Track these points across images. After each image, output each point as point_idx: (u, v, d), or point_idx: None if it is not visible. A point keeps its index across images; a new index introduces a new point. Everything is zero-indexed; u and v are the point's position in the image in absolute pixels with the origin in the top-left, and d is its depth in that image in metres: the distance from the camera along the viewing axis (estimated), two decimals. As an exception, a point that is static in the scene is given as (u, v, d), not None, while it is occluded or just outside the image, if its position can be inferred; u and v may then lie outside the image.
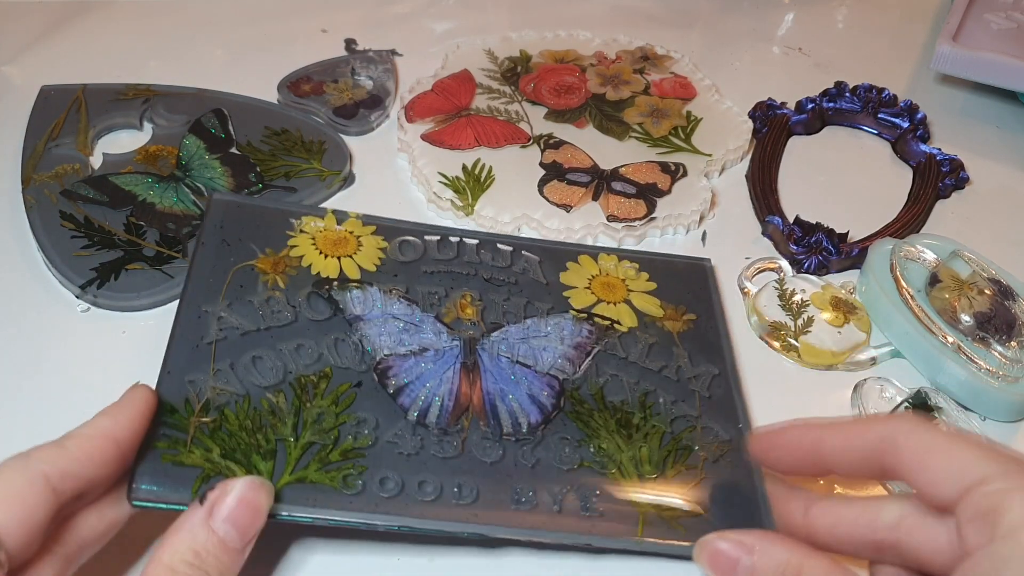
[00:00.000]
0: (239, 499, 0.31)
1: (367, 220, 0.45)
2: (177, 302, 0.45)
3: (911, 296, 0.45)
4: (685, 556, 0.34)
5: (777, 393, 0.43)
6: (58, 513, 0.29)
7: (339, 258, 0.43)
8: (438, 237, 0.45)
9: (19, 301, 0.45)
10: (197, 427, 0.35)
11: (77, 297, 0.45)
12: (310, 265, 0.42)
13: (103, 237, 0.46)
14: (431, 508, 0.35)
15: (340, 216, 0.45)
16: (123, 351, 0.43)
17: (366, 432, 0.36)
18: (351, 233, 0.44)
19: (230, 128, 0.53)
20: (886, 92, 0.59)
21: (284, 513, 0.33)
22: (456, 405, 0.38)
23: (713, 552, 0.32)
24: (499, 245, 0.46)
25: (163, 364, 0.37)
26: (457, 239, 0.45)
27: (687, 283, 0.46)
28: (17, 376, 0.42)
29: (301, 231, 0.44)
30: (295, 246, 0.43)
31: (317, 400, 0.37)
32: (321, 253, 0.43)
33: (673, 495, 0.37)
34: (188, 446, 0.34)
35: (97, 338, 0.44)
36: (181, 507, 0.32)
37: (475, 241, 0.46)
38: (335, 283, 0.42)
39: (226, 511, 0.30)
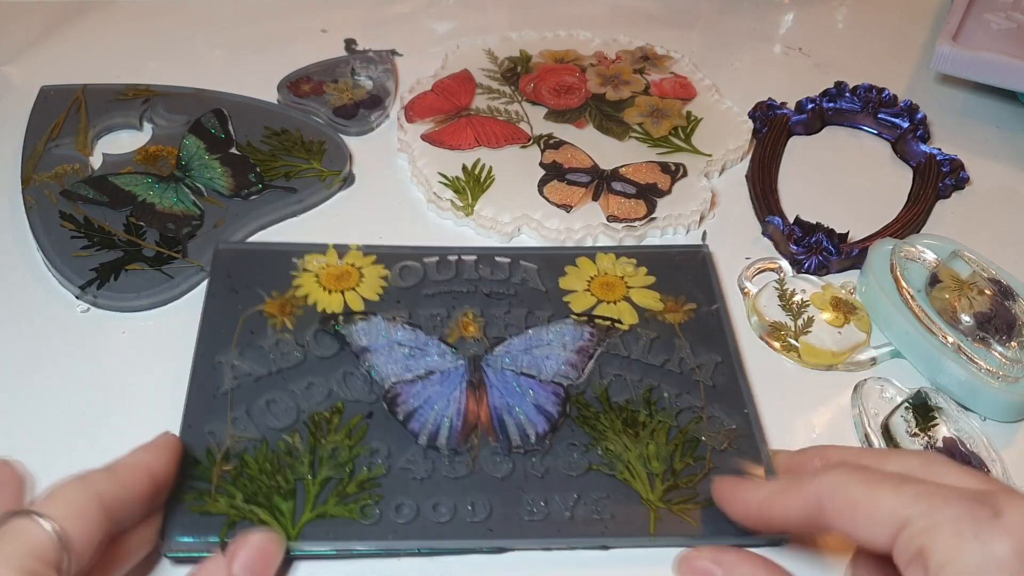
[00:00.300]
0: (256, 549, 0.33)
1: (367, 250, 0.46)
2: (175, 302, 0.46)
3: (911, 296, 0.45)
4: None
5: (777, 394, 0.43)
6: (107, 536, 0.30)
7: (343, 292, 0.44)
8: (436, 258, 0.46)
9: (19, 301, 0.45)
10: (220, 476, 0.36)
11: (77, 297, 0.45)
12: (315, 303, 0.43)
13: (103, 237, 0.46)
14: (447, 528, 0.36)
15: (341, 250, 0.46)
16: (123, 351, 0.43)
17: (379, 461, 0.37)
18: (353, 265, 0.45)
19: (230, 128, 0.53)
20: (886, 92, 0.59)
21: (307, 548, 0.35)
22: (464, 424, 0.39)
23: (691, 568, 0.34)
24: (497, 258, 0.46)
25: (183, 417, 0.38)
26: (455, 257, 0.46)
27: (686, 273, 0.46)
28: (17, 376, 0.42)
29: (304, 270, 0.45)
30: (300, 286, 0.44)
31: (331, 435, 0.38)
32: (325, 289, 0.44)
33: (683, 488, 0.37)
34: (213, 495, 0.36)
35: (97, 338, 0.44)
36: (211, 555, 0.34)
37: (473, 257, 0.46)
38: (340, 318, 0.42)
39: (244, 558, 0.33)
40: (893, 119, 0.58)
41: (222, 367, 0.40)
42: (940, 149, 0.56)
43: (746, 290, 0.48)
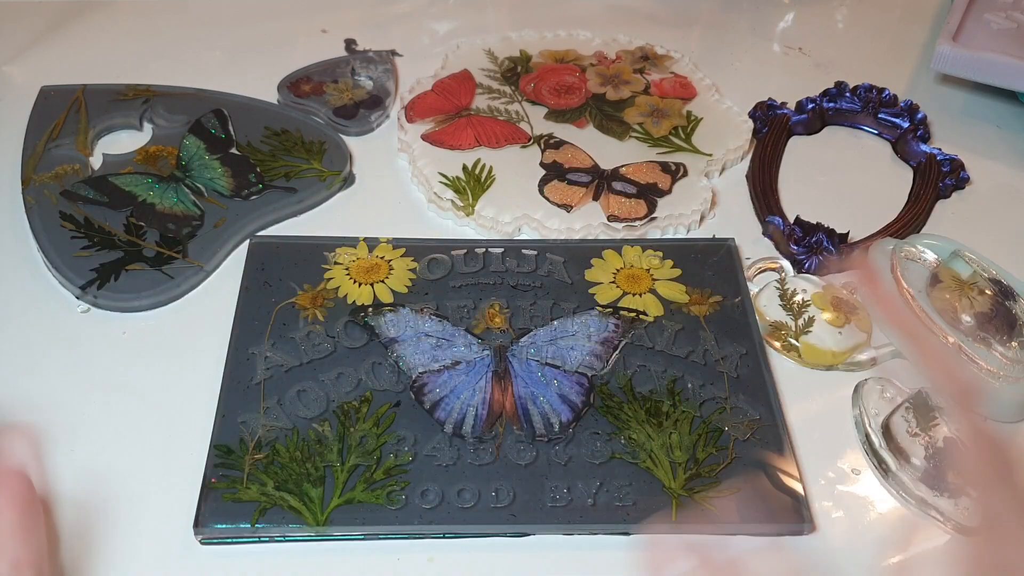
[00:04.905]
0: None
1: (396, 243, 0.47)
2: (175, 302, 0.46)
3: (912, 296, 0.45)
4: (720, 534, 0.37)
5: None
6: None
7: (372, 285, 0.45)
8: (464, 251, 0.47)
9: (19, 301, 0.45)
10: (252, 464, 0.37)
11: (77, 298, 0.45)
12: (346, 295, 0.44)
13: (103, 238, 0.46)
14: (471, 514, 0.37)
15: (371, 243, 0.47)
16: (123, 351, 0.43)
17: (406, 449, 0.38)
18: (382, 259, 0.46)
19: (230, 128, 0.53)
20: (886, 92, 0.59)
21: (336, 534, 0.36)
22: (489, 413, 0.40)
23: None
24: (524, 251, 0.47)
25: (217, 408, 0.39)
26: (483, 250, 0.47)
27: (712, 265, 0.47)
28: (17, 376, 0.42)
29: (335, 263, 0.46)
30: (331, 278, 0.45)
31: (359, 424, 0.39)
32: (355, 282, 0.45)
33: (705, 477, 0.38)
34: (244, 483, 0.37)
35: (97, 338, 0.43)
36: (245, 540, 0.36)
37: (500, 250, 0.47)
38: (369, 310, 0.43)
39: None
40: (893, 119, 0.58)
41: (255, 358, 0.41)
42: (940, 149, 0.56)
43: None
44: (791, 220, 0.51)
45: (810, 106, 0.58)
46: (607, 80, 0.59)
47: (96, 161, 0.51)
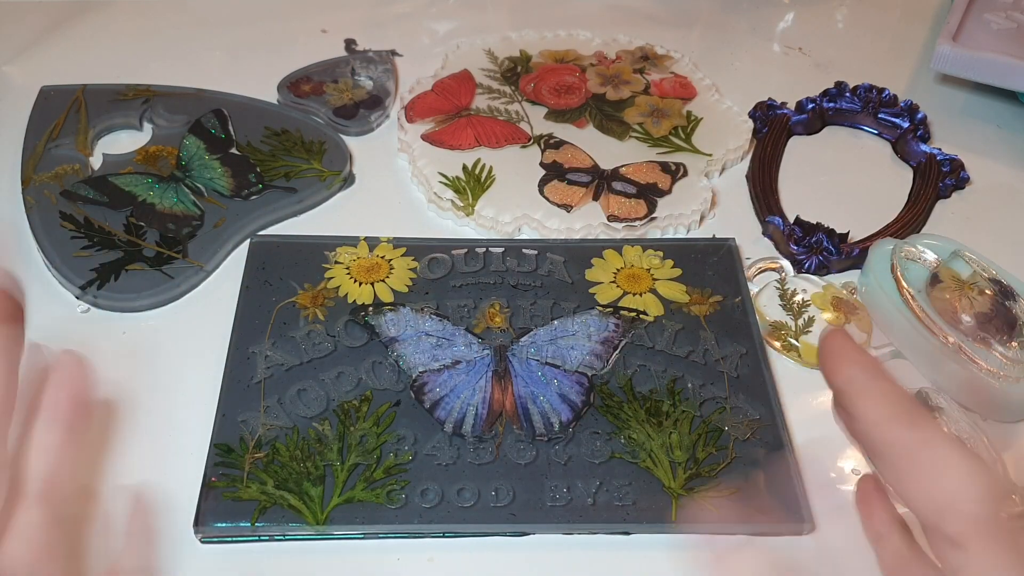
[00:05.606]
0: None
1: (397, 243, 0.47)
2: (175, 302, 0.46)
3: (912, 296, 0.45)
4: (718, 533, 0.37)
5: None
6: None
7: (373, 284, 0.45)
8: (465, 250, 0.47)
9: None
10: (252, 463, 0.38)
11: (77, 298, 0.45)
12: (346, 294, 0.44)
13: (103, 238, 0.46)
14: (471, 513, 0.37)
15: (372, 243, 0.47)
16: (123, 351, 0.43)
17: (406, 448, 0.39)
18: (383, 258, 0.46)
19: (230, 128, 0.53)
20: (886, 92, 0.59)
21: (336, 532, 0.36)
22: (489, 412, 0.40)
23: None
24: (524, 250, 0.47)
25: (217, 407, 0.39)
26: (483, 250, 0.47)
27: (712, 265, 0.47)
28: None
29: (336, 262, 0.46)
30: (332, 278, 0.45)
31: (360, 423, 0.39)
32: (356, 281, 0.45)
33: (705, 477, 0.38)
34: (244, 482, 0.37)
35: (97, 338, 0.43)
36: (245, 539, 0.36)
37: (500, 249, 0.47)
38: (370, 309, 0.43)
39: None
40: (893, 119, 0.58)
41: (256, 357, 0.41)
42: (940, 149, 0.56)
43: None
44: (791, 220, 0.51)
45: (810, 106, 0.58)
46: (607, 80, 0.59)
47: (96, 161, 0.51)
